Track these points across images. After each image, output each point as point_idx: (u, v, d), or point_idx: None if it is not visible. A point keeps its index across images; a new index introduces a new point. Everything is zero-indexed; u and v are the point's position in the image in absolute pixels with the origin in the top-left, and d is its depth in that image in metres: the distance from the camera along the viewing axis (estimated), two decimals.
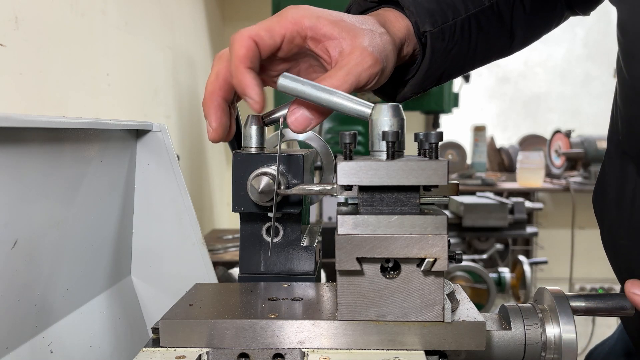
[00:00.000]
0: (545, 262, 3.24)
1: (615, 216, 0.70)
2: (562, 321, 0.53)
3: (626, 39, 0.63)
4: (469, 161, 3.88)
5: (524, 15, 0.75)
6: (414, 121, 3.80)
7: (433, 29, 0.66)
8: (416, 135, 0.55)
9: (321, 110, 0.58)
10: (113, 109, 1.58)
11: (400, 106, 0.52)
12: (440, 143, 0.50)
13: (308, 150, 0.69)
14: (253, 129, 0.63)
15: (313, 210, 2.19)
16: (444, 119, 3.17)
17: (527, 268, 2.92)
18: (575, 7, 0.81)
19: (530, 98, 4.40)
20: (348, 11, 0.71)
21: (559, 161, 3.67)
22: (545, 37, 0.83)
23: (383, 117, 0.51)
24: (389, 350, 0.49)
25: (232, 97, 0.60)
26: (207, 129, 0.60)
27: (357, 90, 0.60)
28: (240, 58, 0.56)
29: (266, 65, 0.61)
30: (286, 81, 0.56)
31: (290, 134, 0.71)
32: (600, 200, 0.75)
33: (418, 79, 0.69)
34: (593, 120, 4.12)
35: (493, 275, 2.71)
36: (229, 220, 3.12)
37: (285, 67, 0.63)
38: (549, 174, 3.65)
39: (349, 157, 0.49)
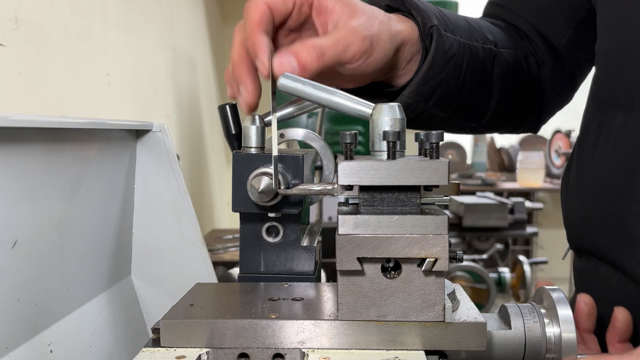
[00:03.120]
0: (545, 262, 3.24)
1: (576, 174, 0.74)
2: (562, 321, 0.53)
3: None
4: (469, 161, 3.88)
5: (500, 72, 0.77)
6: None
7: (439, 25, 0.68)
8: (417, 135, 0.55)
9: (311, 65, 0.58)
10: (113, 109, 1.58)
11: (401, 106, 0.52)
12: (440, 143, 0.50)
13: (308, 150, 0.69)
14: (253, 129, 0.63)
15: (313, 210, 2.19)
16: None
17: (527, 268, 2.93)
18: (544, 112, 0.86)
19: None
20: None
21: (559, 161, 3.67)
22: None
23: (384, 117, 0.51)
24: (389, 350, 0.49)
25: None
26: (243, 95, 0.60)
27: (341, 66, 0.62)
28: (256, 22, 0.58)
29: (276, 36, 0.63)
30: (286, 81, 0.56)
31: (290, 134, 0.71)
32: (565, 177, 0.79)
33: (418, 80, 0.69)
34: None
35: (493, 275, 2.71)
36: (229, 220, 3.12)
37: (292, 38, 0.65)
38: (549, 174, 3.65)
39: (349, 157, 0.49)
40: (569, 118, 4.24)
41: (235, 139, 0.68)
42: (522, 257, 3.06)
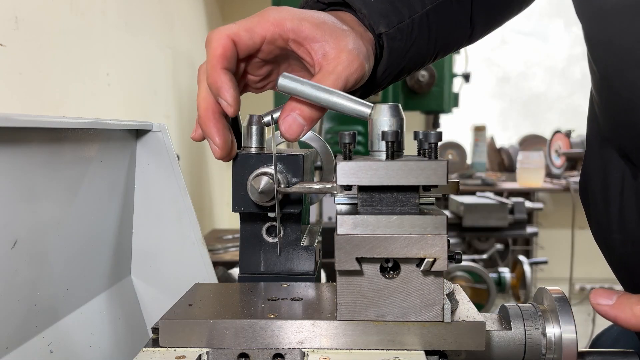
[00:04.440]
0: (545, 262, 3.24)
1: (603, 208, 0.70)
2: (563, 321, 0.53)
3: (584, 23, 0.63)
4: (469, 161, 3.88)
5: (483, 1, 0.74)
6: (414, 121, 3.81)
7: (388, 29, 0.65)
8: (416, 134, 0.55)
9: (314, 115, 0.57)
10: (113, 109, 1.58)
11: (400, 106, 0.52)
12: (440, 143, 0.50)
13: (308, 150, 0.69)
14: (253, 129, 0.63)
15: (313, 210, 2.19)
16: (444, 119, 3.17)
17: (527, 268, 2.93)
18: None
19: (530, 98, 4.40)
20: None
21: (559, 161, 3.67)
22: (544, 37, 0.84)
23: (382, 117, 0.51)
24: (388, 350, 0.49)
25: None
26: (212, 148, 0.58)
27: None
28: (217, 58, 0.55)
29: (247, 69, 0.60)
30: (286, 81, 0.56)
31: None
32: (585, 193, 0.75)
33: (375, 79, 0.67)
34: None
35: (493, 275, 2.71)
36: (229, 220, 3.12)
37: (267, 70, 0.63)
38: (549, 174, 3.65)
39: (348, 157, 0.49)
40: (569, 118, 4.25)
41: (235, 139, 0.68)
42: (522, 257, 3.06)
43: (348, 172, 0.48)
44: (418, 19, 0.67)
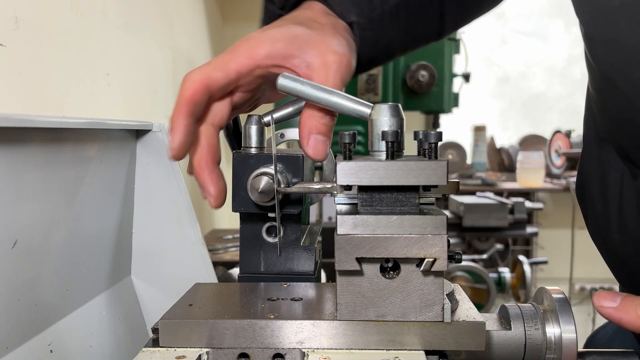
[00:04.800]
0: (545, 262, 3.24)
1: (601, 209, 0.69)
2: (563, 321, 0.53)
3: (584, 21, 0.62)
4: (469, 161, 3.88)
5: None
6: (414, 121, 3.81)
7: (359, 19, 0.65)
8: (416, 134, 0.55)
9: (328, 128, 0.57)
10: (113, 109, 1.58)
11: (400, 106, 0.52)
12: (440, 143, 0.50)
13: None
14: (253, 129, 0.63)
15: (313, 210, 2.19)
16: (444, 119, 3.17)
17: (527, 268, 2.93)
18: None
19: (530, 98, 4.40)
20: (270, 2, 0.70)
21: (559, 161, 3.67)
22: (544, 37, 0.83)
23: (382, 117, 0.51)
24: (388, 350, 0.49)
25: (220, 156, 0.59)
26: (208, 198, 0.58)
27: None
28: (184, 100, 0.56)
29: (233, 102, 0.60)
30: (285, 81, 0.56)
31: (290, 134, 0.71)
32: (582, 193, 0.74)
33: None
34: None
35: (493, 275, 2.71)
36: (229, 220, 3.12)
37: (253, 97, 0.63)
38: (549, 174, 3.65)
39: (348, 157, 0.49)
40: (569, 118, 4.25)
41: (235, 139, 0.68)
42: (522, 257, 3.06)
43: (348, 172, 0.48)
44: (389, 11, 0.68)
